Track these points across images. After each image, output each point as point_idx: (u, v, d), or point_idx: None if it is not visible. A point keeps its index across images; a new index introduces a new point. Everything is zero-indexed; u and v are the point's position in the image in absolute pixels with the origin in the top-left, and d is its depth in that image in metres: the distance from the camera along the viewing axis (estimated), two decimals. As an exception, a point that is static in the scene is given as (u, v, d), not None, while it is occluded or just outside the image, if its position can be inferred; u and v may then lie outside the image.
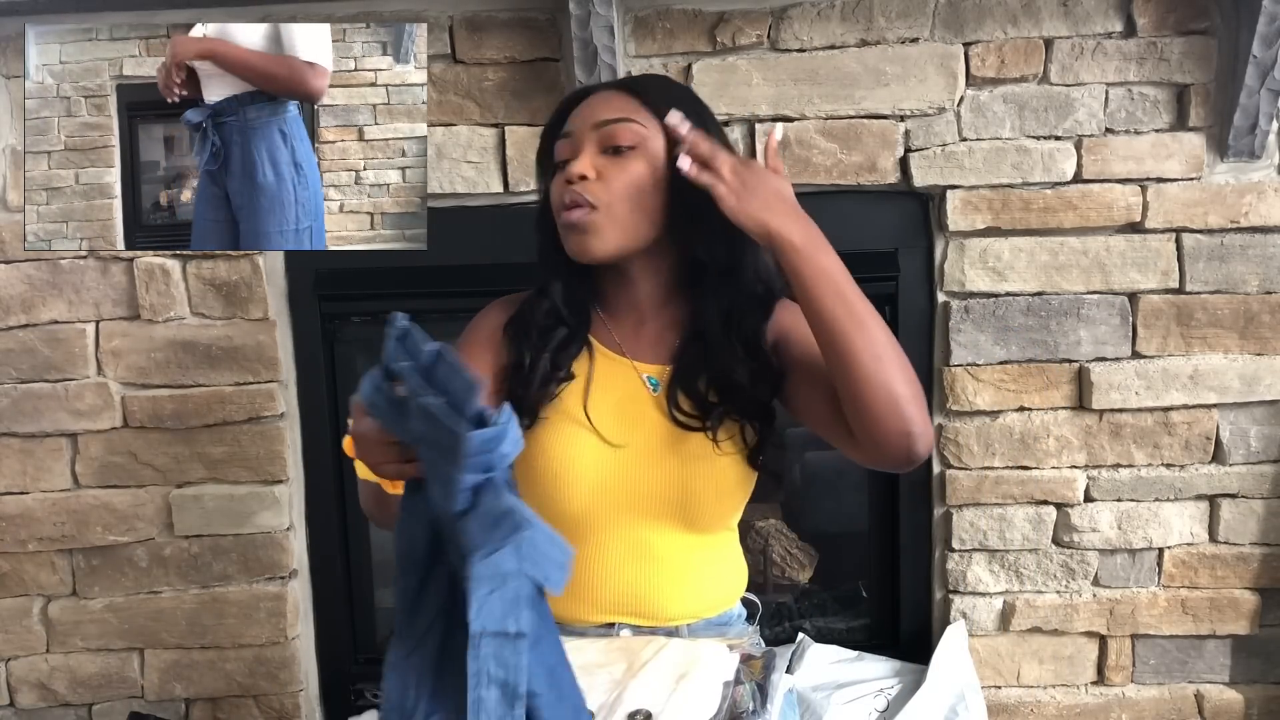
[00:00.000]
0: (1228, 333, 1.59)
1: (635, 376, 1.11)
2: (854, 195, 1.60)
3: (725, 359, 1.06)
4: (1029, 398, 1.62)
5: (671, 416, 1.07)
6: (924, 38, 1.54)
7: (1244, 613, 1.66)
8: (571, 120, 1.07)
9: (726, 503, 1.10)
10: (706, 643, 1.09)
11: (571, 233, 1.04)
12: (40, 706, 1.72)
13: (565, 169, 1.05)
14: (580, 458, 1.07)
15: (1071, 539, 1.65)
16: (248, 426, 1.64)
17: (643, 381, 1.11)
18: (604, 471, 1.07)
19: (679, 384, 1.08)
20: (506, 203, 1.61)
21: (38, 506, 1.66)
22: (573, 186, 1.03)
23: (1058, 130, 1.55)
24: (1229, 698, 1.70)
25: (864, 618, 1.80)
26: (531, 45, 1.55)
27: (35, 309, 1.62)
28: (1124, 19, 1.53)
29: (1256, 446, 1.62)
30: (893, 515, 1.71)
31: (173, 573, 1.68)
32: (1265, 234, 1.57)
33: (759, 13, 1.53)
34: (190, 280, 1.62)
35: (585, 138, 1.05)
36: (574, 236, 1.04)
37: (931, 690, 1.52)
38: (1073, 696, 1.70)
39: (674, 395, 1.08)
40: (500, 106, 1.57)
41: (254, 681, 1.71)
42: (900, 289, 1.63)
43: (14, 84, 1.57)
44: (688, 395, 1.07)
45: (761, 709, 1.06)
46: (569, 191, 1.03)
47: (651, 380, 1.11)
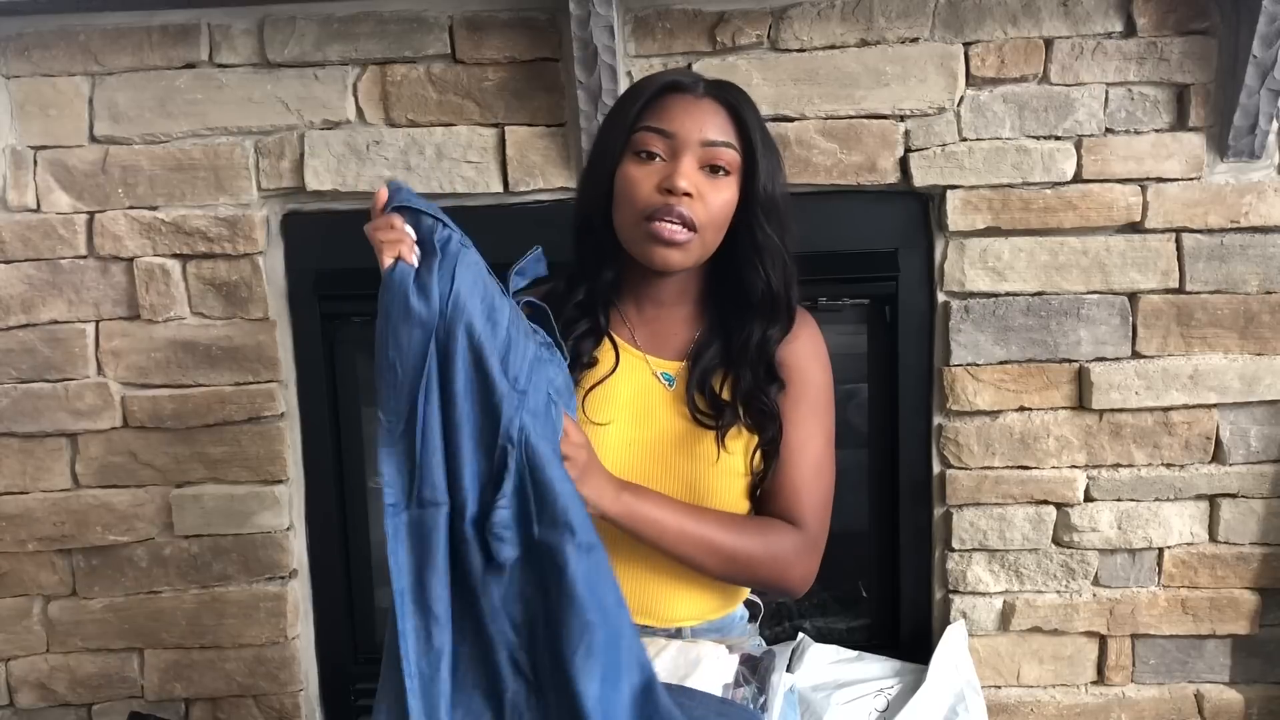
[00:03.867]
0: (1228, 333, 1.59)
1: (648, 372, 1.12)
2: (854, 195, 1.60)
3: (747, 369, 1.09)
4: (1029, 398, 1.62)
5: (689, 411, 1.09)
6: (924, 38, 1.54)
7: (1244, 613, 1.66)
8: (676, 120, 1.06)
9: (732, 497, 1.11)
10: (706, 645, 1.09)
11: (661, 245, 1.05)
12: (40, 706, 1.72)
13: (655, 166, 1.05)
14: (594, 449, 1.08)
15: (1071, 539, 1.65)
16: (248, 426, 1.64)
17: (657, 377, 1.12)
18: (617, 463, 1.08)
19: (696, 381, 1.10)
20: (506, 203, 1.61)
21: (38, 506, 1.66)
22: (676, 200, 1.03)
23: (1058, 130, 1.55)
24: (1229, 698, 1.70)
25: (864, 618, 1.80)
26: (531, 45, 1.55)
27: (35, 309, 1.62)
28: (1124, 19, 1.53)
29: (1256, 446, 1.62)
30: (893, 515, 1.71)
31: (173, 573, 1.68)
32: (1265, 234, 1.57)
33: (759, 13, 1.53)
34: (190, 280, 1.62)
35: (689, 148, 1.05)
36: (663, 250, 1.05)
37: (931, 690, 1.52)
38: (1073, 696, 1.70)
39: (691, 391, 1.10)
40: (500, 106, 1.57)
41: (254, 681, 1.70)
42: (900, 289, 1.63)
43: (14, 84, 1.57)
44: (703, 392, 1.09)
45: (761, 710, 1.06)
46: (672, 205, 1.03)
47: (666, 376, 1.12)
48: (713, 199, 1.05)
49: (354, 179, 1.58)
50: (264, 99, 1.57)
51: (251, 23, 1.55)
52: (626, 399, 1.11)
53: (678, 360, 1.13)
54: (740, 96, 1.09)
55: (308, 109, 1.57)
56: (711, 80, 1.11)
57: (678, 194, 1.03)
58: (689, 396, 1.09)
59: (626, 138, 1.07)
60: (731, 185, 1.07)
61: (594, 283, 1.13)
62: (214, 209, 1.59)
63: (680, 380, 1.11)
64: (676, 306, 1.14)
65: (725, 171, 1.06)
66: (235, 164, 1.58)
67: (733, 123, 1.07)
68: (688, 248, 1.05)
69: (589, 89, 1.48)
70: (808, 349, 1.14)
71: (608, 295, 1.14)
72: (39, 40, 1.55)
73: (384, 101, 1.57)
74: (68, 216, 1.60)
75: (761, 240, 1.08)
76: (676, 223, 1.03)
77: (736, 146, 1.07)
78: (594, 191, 1.10)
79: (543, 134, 1.57)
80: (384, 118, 1.57)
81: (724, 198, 1.06)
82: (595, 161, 1.12)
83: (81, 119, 1.57)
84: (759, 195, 1.07)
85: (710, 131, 1.05)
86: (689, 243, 1.05)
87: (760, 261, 1.09)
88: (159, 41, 1.55)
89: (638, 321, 1.15)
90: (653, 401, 1.11)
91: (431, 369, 0.84)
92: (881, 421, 1.70)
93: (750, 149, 1.07)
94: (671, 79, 1.09)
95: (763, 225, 1.08)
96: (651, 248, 1.05)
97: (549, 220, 1.58)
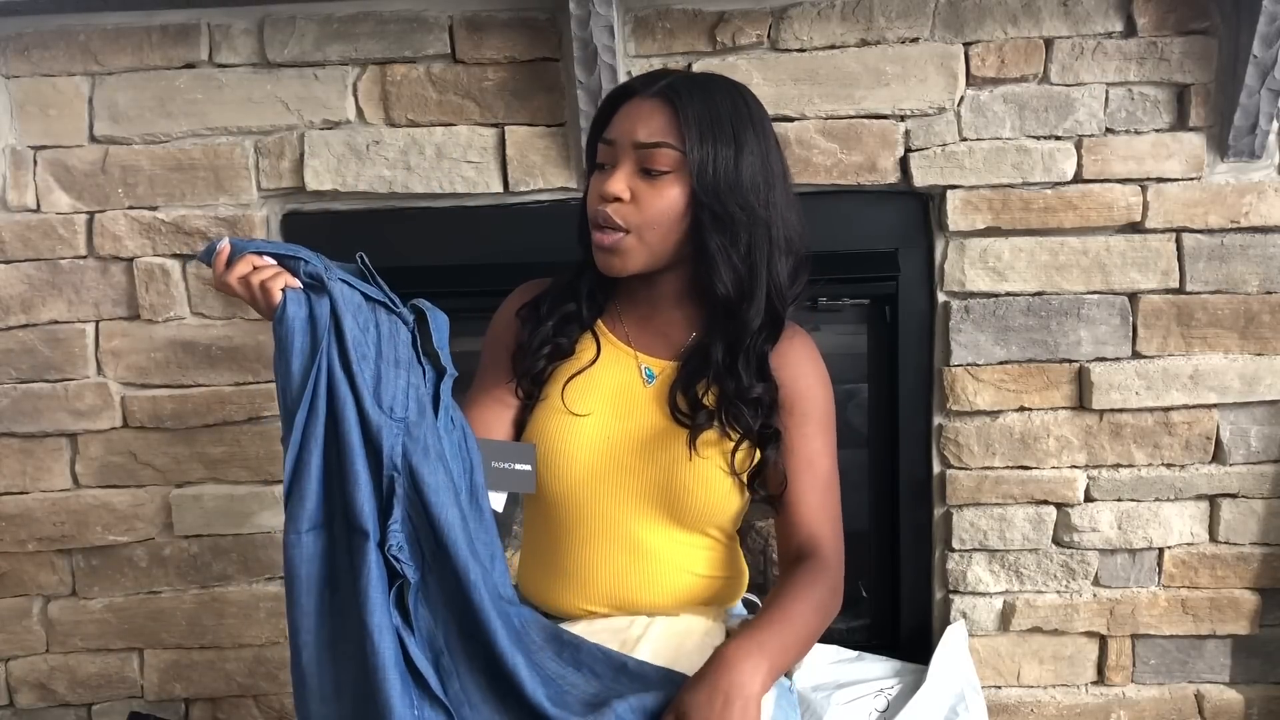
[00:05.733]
0: (1228, 333, 1.59)
1: (634, 368, 1.12)
2: (854, 195, 1.60)
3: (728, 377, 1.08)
4: (1029, 398, 1.62)
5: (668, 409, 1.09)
6: (924, 37, 1.54)
7: (1244, 613, 1.66)
8: (615, 125, 1.07)
9: (714, 505, 1.10)
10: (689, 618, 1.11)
11: (603, 252, 1.06)
12: (40, 706, 1.72)
13: (601, 176, 1.06)
14: (570, 440, 1.09)
15: (1072, 539, 1.65)
16: (248, 426, 1.64)
17: (640, 373, 1.12)
18: (593, 456, 1.09)
19: (680, 382, 1.10)
20: (506, 203, 1.61)
21: (37, 506, 1.66)
22: (605, 207, 1.04)
23: (1058, 130, 1.55)
24: (1229, 698, 1.70)
25: (864, 618, 1.80)
26: (531, 45, 1.55)
27: (35, 309, 1.62)
28: (1124, 19, 1.53)
29: (1256, 446, 1.61)
30: (893, 515, 1.71)
31: (172, 573, 1.68)
32: (1265, 234, 1.57)
33: (759, 13, 1.53)
34: (190, 280, 1.62)
35: (624, 153, 1.05)
36: (604, 255, 1.07)
37: (931, 690, 1.52)
38: (1073, 696, 1.70)
39: (674, 391, 1.10)
40: (500, 106, 1.57)
41: (254, 681, 1.71)
42: (900, 289, 1.63)
43: (14, 84, 1.57)
44: (685, 395, 1.09)
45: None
46: (601, 212, 1.05)
47: (648, 371, 1.12)
48: (649, 201, 1.03)
49: (354, 179, 1.58)
50: (264, 99, 1.57)
51: (251, 23, 1.55)
52: (608, 392, 1.12)
53: (670, 360, 1.13)
54: (691, 89, 1.04)
55: (308, 109, 1.57)
56: (679, 77, 1.07)
57: (608, 200, 1.04)
58: (670, 395, 1.10)
59: (592, 150, 1.10)
60: (674, 184, 1.03)
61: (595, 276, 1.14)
62: (214, 209, 1.59)
63: (662, 378, 1.12)
64: (670, 307, 1.14)
65: (664, 172, 1.03)
66: (235, 164, 1.58)
67: (674, 117, 1.03)
68: (625, 253, 1.05)
69: (589, 89, 1.48)
70: (805, 367, 1.13)
71: (605, 288, 1.16)
72: (39, 40, 1.55)
73: (384, 101, 1.57)
74: (68, 216, 1.60)
75: (707, 242, 1.04)
76: (608, 228, 1.05)
77: (674, 144, 1.02)
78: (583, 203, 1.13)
79: (543, 134, 1.57)
80: (384, 118, 1.57)
81: (665, 198, 1.03)
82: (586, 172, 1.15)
83: (81, 119, 1.57)
84: (703, 194, 1.03)
85: (641, 134, 1.03)
86: (623, 247, 1.05)
87: (710, 265, 1.05)
88: (159, 41, 1.55)
89: (632, 319, 1.15)
90: (633, 397, 1.11)
91: (318, 396, 0.88)
92: (881, 421, 1.70)
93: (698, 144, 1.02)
94: (624, 85, 1.10)
95: (705, 226, 1.04)
96: (596, 255, 1.08)
97: (549, 220, 1.58)
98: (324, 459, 0.88)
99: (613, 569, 1.10)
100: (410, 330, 0.98)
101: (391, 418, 0.90)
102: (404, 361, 0.95)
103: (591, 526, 1.10)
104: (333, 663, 0.88)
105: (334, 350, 0.88)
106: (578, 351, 1.14)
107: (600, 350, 1.13)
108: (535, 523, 1.17)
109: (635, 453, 1.09)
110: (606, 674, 0.97)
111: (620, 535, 1.09)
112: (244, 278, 0.90)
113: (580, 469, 1.09)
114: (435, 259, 1.60)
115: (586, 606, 1.11)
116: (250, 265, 0.91)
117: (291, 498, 0.88)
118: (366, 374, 0.89)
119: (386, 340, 0.94)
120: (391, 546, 0.87)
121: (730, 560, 1.18)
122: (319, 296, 0.89)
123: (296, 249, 0.93)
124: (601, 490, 1.09)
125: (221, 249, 0.92)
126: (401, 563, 0.88)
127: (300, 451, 0.88)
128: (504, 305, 1.21)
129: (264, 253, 0.92)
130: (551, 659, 0.97)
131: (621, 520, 1.09)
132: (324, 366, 0.88)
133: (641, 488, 1.09)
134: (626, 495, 1.09)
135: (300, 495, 0.88)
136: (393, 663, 0.85)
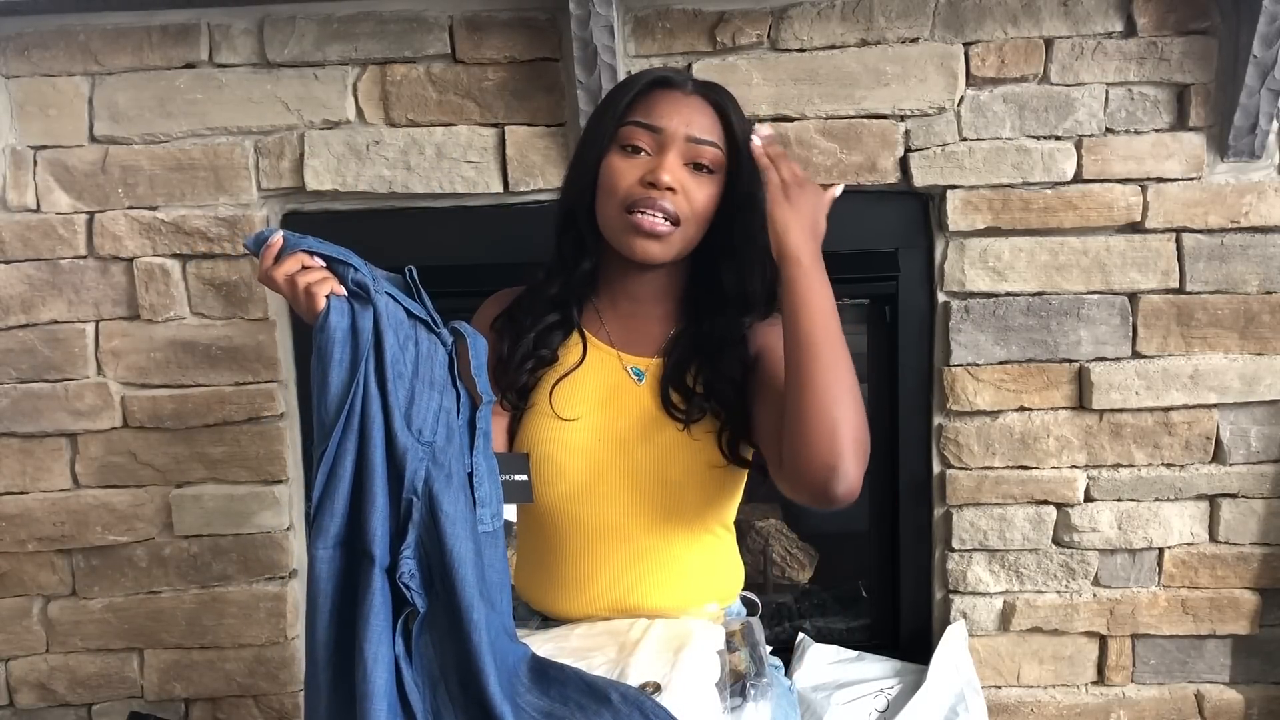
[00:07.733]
0: (1228, 333, 1.59)
1: (620, 368, 1.12)
2: (854, 195, 1.59)
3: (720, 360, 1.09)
4: (1029, 398, 1.62)
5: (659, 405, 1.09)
6: (924, 38, 1.54)
7: (1244, 613, 1.66)
8: (663, 116, 1.07)
9: (707, 491, 1.11)
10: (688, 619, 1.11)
11: (642, 236, 1.06)
12: (40, 706, 1.72)
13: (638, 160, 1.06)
14: (563, 446, 1.09)
15: (1071, 539, 1.65)
16: (248, 426, 1.64)
17: (627, 373, 1.12)
18: (586, 460, 1.09)
19: (670, 377, 1.10)
20: (506, 203, 1.61)
21: (37, 506, 1.66)
22: (658, 194, 1.04)
23: (1058, 130, 1.55)
24: (1229, 698, 1.70)
25: (864, 618, 1.80)
26: (531, 45, 1.55)
27: (35, 309, 1.62)
28: (1124, 19, 1.53)
29: (1256, 446, 1.61)
30: (893, 515, 1.71)
31: (172, 573, 1.68)
32: (1265, 234, 1.57)
33: (759, 13, 1.53)
34: (190, 280, 1.62)
35: (675, 144, 1.06)
36: (644, 241, 1.06)
37: (931, 690, 1.52)
38: (1073, 696, 1.70)
39: (665, 387, 1.10)
40: (500, 106, 1.57)
41: (254, 681, 1.71)
42: (900, 289, 1.63)
43: (14, 84, 1.57)
44: (677, 388, 1.09)
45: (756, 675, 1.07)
46: (655, 198, 1.04)
47: (636, 371, 1.12)
48: (696, 195, 1.06)
49: (354, 179, 1.58)
50: (264, 99, 1.57)
51: (251, 23, 1.55)
52: (595, 395, 1.11)
53: (651, 357, 1.13)
54: (727, 98, 1.10)
55: (308, 109, 1.57)
56: (700, 80, 1.12)
57: (661, 187, 1.04)
58: (662, 390, 1.10)
59: (614, 131, 1.08)
60: (714, 184, 1.08)
61: (570, 275, 1.14)
62: (214, 209, 1.59)
63: (651, 375, 1.12)
64: (653, 304, 1.14)
65: (709, 170, 1.07)
66: (235, 164, 1.58)
67: (719, 122, 1.08)
68: (668, 240, 1.06)
69: (589, 89, 1.48)
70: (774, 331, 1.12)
71: (583, 289, 1.15)
72: (39, 40, 1.55)
73: (384, 101, 1.57)
74: (68, 216, 1.60)
75: (739, 241, 1.10)
76: (658, 215, 1.04)
77: (721, 146, 1.07)
78: (579, 184, 1.11)
79: (543, 134, 1.57)
80: (384, 118, 1.57)
81: (707, 194, 1.07)
82: (581, 154, 1.13)
83: (81, 119, 1.57)
84: (740, 196, 1.09)
85: (696, 129, 1.06)
86: (670, 235, 1.06)
87: (737, 261, 1.11)
88: (159, 41, 1.55)
89: (612, 317, 1.15)
90: (622, 397, 1.11)
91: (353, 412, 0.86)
92: (881, 421, 1.70)
93: (735, 150, 1.08)
94: (660, 75, 1.10)
95: (743, 226, 1.09)
96: (632, 239, 1.06)
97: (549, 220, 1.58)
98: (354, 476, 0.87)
99: (612, 573, 1.10)
100: (449, 352, 0.97)
101: (419, 441, 0.88)
102: (439, 383, 0.93)
103: (589, 532, 1.09)
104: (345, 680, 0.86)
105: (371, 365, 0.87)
106: (561, 355, 1.14)
107: (586, 353, 1.13)
108: (531, 529, 1.16)
109: (628, 453, 1.09)
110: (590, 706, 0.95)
111: (618, 538, 1.09)
112: (291, 276, 0.89)
113: (574, 475, 1.09)
114: (435, 259, 1.59)
115: (587, 612, 1.11)
116: (299, 264, 0.90)
117: (322, 511, 0.86)
118: (400, 393, 0.88)
119: (424, 360, 0.92)
120: (403, 574, 0.86)
121: (728, 555, 1.19)
122: (363, 308, 0.88)
123: (348, 254, 0.91)
124: (597, 494, 1.09)
125: (273, 242, 0.91)
126: (411, 590, 0.86)
127: (334, 466, 0.86)
128: (476, 318, 1.19)
129: (315, 252, 0.90)
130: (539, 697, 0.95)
131: (619, 523, 1.09)
132: (360, 381, 0.86)
133: (637, 487, 1.08)
134: (622, 497, 1.09)
135: (330, 510, 0.86)
136: (383, 692, 0.83)
